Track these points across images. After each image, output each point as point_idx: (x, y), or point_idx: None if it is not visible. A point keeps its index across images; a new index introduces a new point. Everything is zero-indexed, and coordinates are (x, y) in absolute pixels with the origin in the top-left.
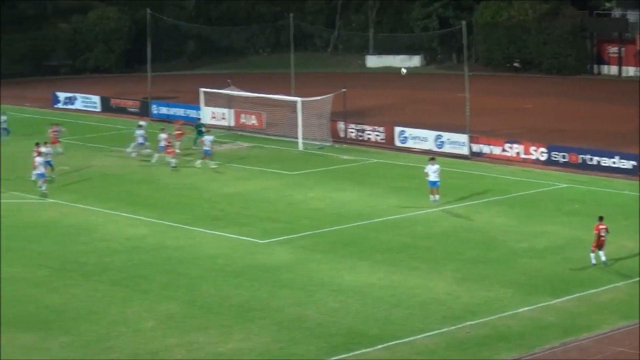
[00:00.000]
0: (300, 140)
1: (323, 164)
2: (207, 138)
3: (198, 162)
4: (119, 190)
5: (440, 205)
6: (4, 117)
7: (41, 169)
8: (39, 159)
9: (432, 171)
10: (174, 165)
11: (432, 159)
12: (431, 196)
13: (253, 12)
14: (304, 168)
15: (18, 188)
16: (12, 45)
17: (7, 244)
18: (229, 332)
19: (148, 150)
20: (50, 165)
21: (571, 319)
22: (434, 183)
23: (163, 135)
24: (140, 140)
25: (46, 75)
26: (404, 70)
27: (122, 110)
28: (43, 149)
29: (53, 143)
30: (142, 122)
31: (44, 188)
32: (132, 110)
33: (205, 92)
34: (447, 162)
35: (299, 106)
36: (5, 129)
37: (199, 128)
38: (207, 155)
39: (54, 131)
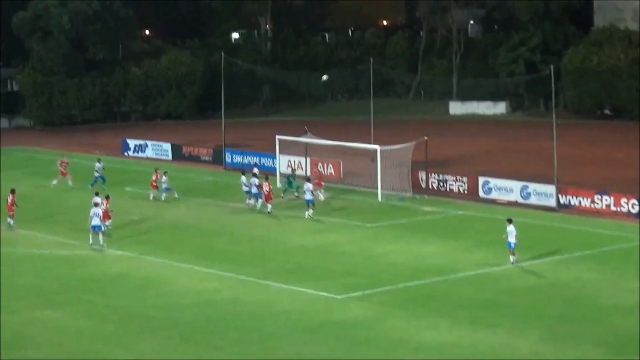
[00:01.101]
0: (379, 191)
1: (403, 216)
2: (307, 186)
3: (308, 213)
4: (190, 242)
5: (525, 260)
6: (99, 165)
7: (95, 221)
8: (93, 210)
9: (508, 232)
10: (269, 210)
11: (509, 220)
12: (511, 257)
13: (331, 56)
14: (383, 220)
15: (87, 239)
16: (81, 90)
17: (73, 296)
18: None
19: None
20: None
21: None
22: (509, 244)
23: (255, 180)
24: (246, 188)
25: (117, 122)
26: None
27: (194, 159)
28: (97, 199)
29: (153, 189)
30: (255, 170)
31: (101, 242)
32: (205, 158)
33: (281, 140)
34: (534, 215)
35: (379, 155)
36: (101, 176)
37: (290, 179)
38: (310, 205)
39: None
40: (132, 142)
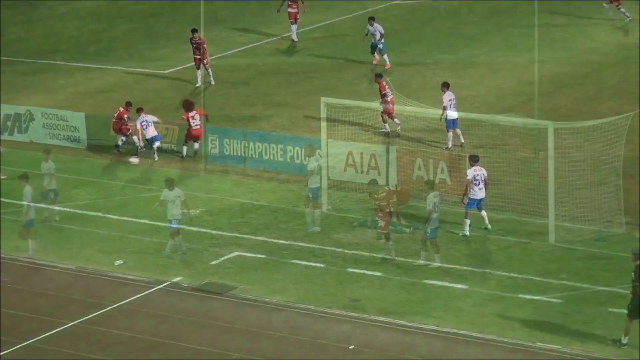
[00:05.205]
0: (551, 221)
1: (607, 280)
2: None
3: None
4: None
5: None
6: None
7: None
8: None
9: None
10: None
11: None
12: None
13: None
14: (559, 288)
15: None
16: None
17: None
18: None
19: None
20: None
21: None
22: None
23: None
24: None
25: None
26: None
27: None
28: None
29: None
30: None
31: None
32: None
33: (329, 105)
34: None
35: (551, 140)
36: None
37: None
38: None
39: None
40: None
